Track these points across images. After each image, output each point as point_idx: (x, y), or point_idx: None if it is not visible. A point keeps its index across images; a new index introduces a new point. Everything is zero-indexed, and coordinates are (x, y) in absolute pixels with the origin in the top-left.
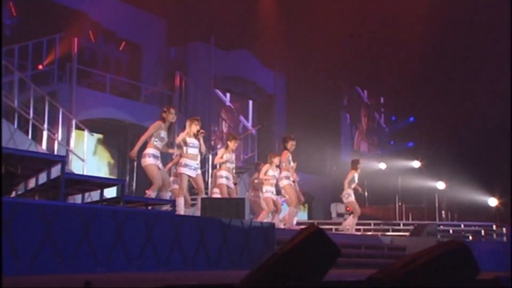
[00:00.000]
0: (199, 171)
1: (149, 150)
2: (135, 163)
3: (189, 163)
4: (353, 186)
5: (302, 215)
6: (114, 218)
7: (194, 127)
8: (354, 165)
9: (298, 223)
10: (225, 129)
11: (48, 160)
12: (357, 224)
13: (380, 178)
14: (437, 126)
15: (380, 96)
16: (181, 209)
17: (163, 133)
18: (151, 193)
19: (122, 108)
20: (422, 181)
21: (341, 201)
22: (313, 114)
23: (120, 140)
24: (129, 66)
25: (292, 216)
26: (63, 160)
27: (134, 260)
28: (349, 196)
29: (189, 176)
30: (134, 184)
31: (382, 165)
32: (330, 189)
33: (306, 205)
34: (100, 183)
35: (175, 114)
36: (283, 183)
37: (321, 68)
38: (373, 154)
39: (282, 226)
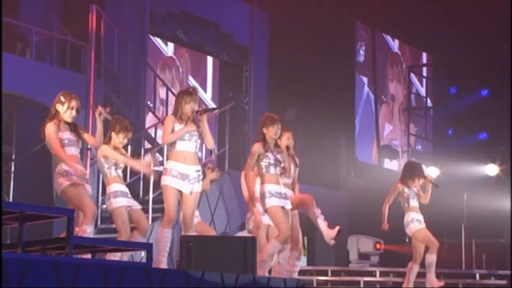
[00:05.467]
0: (197, 186)
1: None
2: (12, 171)
3: (180, 168)
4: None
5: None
6: (57, 275)
7: (187, 107)
8: (412, 173)
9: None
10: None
11: None
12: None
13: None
14: None
15: (421, 50)
16: (164, 251)
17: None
18: (85, 228)
19: None
20: (502, 199)
21: (365, 233)
22: (315, 79)
23: None
24: None
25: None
26: None
27: None
28: (411, 222)
29: (179, 192)
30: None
31: (433, 171)
32: (346, 212)
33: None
34: (24, 216)
35: (76, 110)
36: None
37: (327, 2)
38: (418, 153)
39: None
